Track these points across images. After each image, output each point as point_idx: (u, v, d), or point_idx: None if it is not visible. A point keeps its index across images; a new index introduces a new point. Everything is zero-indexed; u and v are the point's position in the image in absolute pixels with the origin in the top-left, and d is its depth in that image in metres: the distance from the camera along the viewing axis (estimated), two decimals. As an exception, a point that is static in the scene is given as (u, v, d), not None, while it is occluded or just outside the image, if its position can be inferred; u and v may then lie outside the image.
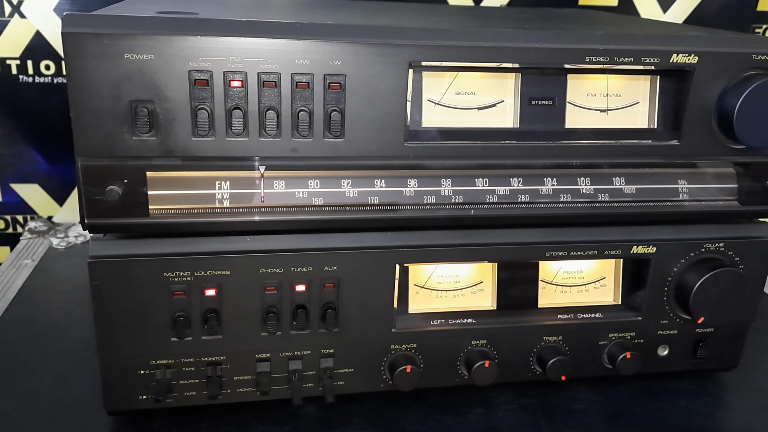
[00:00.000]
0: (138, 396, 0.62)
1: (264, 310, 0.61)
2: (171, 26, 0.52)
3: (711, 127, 0.63)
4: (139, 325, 0.59)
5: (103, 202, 0.55)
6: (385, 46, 0.55)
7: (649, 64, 0.61)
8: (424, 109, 0.61)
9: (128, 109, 0.53)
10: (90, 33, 0.51)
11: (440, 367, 0.67)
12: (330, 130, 0.57)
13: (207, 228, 0.58)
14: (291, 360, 0.64)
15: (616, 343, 0.70)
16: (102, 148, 0.54)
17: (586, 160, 0.63)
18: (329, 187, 0.59)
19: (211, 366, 0.62)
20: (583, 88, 0.64)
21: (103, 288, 0.58)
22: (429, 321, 0.67)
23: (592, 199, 0.64)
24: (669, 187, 0.65)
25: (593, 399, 0.71)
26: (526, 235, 0.65)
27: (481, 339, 0.67)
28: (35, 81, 1.06)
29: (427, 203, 0.61)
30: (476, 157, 0.61)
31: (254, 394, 0.64)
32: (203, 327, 0.61)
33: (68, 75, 0.52)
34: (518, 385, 0.71)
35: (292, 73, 0.55)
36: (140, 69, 0.52)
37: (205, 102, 0.54)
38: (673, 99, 0.64)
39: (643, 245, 0.66)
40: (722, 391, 0.73)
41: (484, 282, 0.68)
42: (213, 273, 0.59)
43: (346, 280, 0.62)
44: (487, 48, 0.57)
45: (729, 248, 0.68)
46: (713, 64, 0.61)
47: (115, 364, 0.61)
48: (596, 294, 0.71)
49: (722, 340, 0.72)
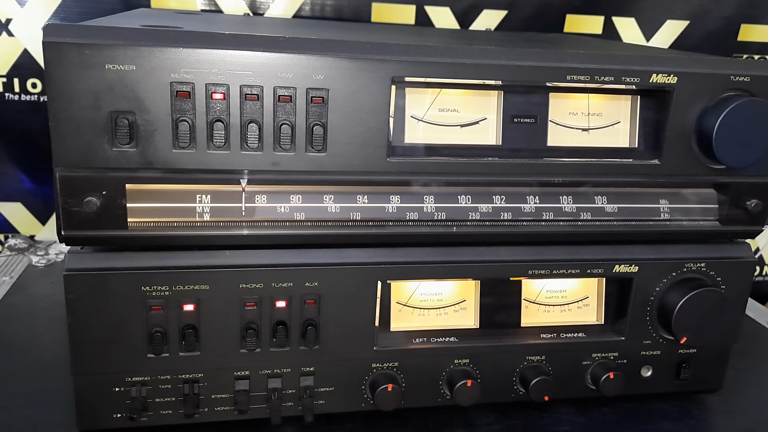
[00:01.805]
0: (112, 414, 0.61)
1: (243, 327, 0.60)
2: (153, 37, 0.52)
3: (691, 146, 0.64)
4: (115, 340, 0.58)
5: (80, 213, 0.54)
6: (368, 61, 0.56)
7: (630, 83, 0.61)
8: (407, 125, 0.61)
9: (108, 119, 0.53)
10: (71, 43, 0.50)
11: (422, 387, 0.66)
12: (312, 144, 0.57)
13: (186, 242, 0.58)
14: (270, 378, 0.63)
15: (599, 364, 0.69)
16: (81, 159, 0.53)
17: (568, 178, 0.63)
18: (311, 202, 0.59)
19: (188, 383, 0.61)
20: (564, 107, 0.64)
21: (79, 302, 0.57)
22: (411, 339, 0.66)
23: (575, 218, 0.64)
24: (650, 206, 0.66)
25: (578, 421, 0.70)
26: (508, 252, 0.65)
27: (464, 358, 0.67)
28: (21, 99, 1.05)
29: (410, 219, 0.61)
30: (459, 174, 0.61)
31: (232, 413, 0.63)
32: (181, 343, 0.60)
33: (48, 85, 0.51)
34: (501, 407, 0.70)
35: (275, 87, 0.55)
36: (121, 80, 0.52)
37: (187, 114, 0.54)
38: (654, 119, 0.64)
39: (625, 264, 0.66)
40: (706, 413, 0.73)
41: (467, 300, 0.68)
42: (192, 288, 0.58)
43: (327, 296, 0.61)
44: (470, 65, 0.58)
45: (710, 268, 0.68)
46: (692, 85, 0.62)
47: (89, 381, 0.59)
48: (579, 313, 0.70)
49: (705, 362, 0.72)
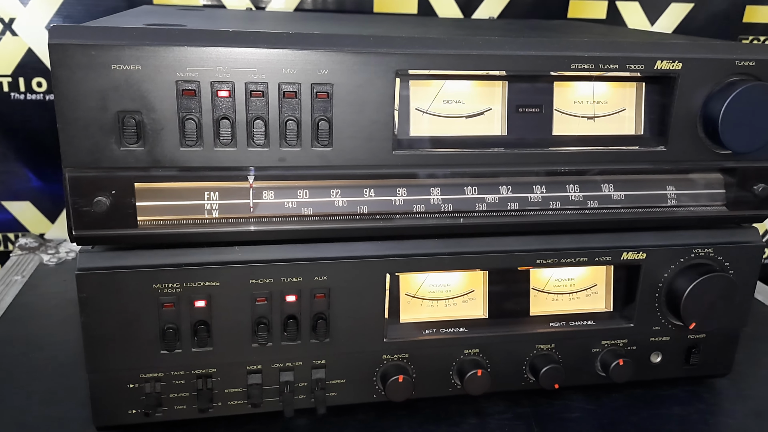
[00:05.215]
0: (127, 410, 0.61)
1: (254, 321, 0.61)
2: (158, 37, 0.52)
3: (697, 132, 0.64)
4: (128, 337, 0.59)
5: (90, 213, 0.55)
6: (371, 55, 0.56)
7: (635, 70, 0.61)
8: (412, 118, 0.61)
9: (115, 119, 0.53)
10: (77, 44, 0.51)
11: (433, 377, 0.67)
12: (318, 139, 0.57)
13: (196, 239, 0.58)
14: (282, 371, 0.63)
15: (608, 351, 0.69)
16: (89, 159, 0.54)
17: (575, 167, 0.63)
18: (318, 196, 0.59)
19: (201, 379, 0.62)
20: (569, 96, 0.64)
21: (92, 300, 0.57)
22: (420, 330, 0.66)
23: (582, 206, 0.64)
24: (657, 193, 0.66)
25: (587, 407, 0.70)
26: (516, 242, 0.65)
27: (474, 348, 0.67)
28: (27, 98, 1.06)
29: (417, 212, 0.61)
30: (465, 165, 0.61)
31: (245, 407, 0.64)
32: (193, 339, 0.60)
33: (55, 86, 0.52)
34: (511, 395, 0.71)
35: (280, 83, 0.55)
36: (127, 80, 0.52)
37: (193, 112, 0.54)
38: (659, 105, 0.64)
39: (633, 251, 0.67)
40: (716, 397, 0.73)
41: (476, 291, 0.68)
42: (202, 284, 0.59)
43: (336, 290, 0.62)
44: (474, 56, 0.58)
45: (718, 253, 0.68)
46: (697, 71, 0.62)
47: (103, 378, 0.60)
48: (588, 301, 0.70)
49: (715, 346, 0.72)
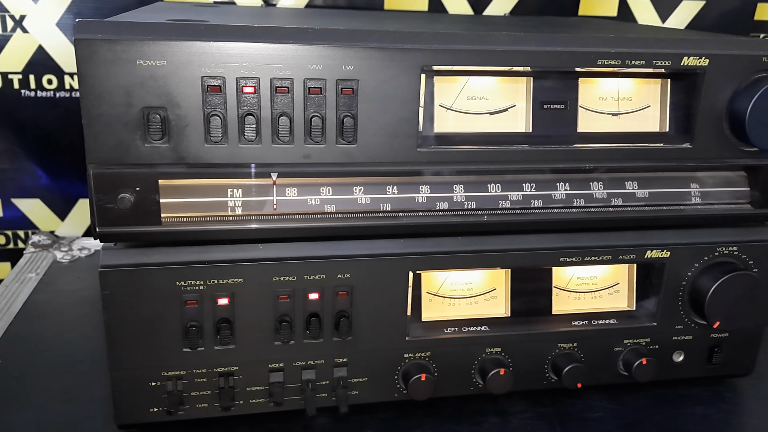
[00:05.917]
0: (149, 408, 0.61)
1: (277, 319, 0.60)
2: (184, 32, 0.52)
3: (722, 129, 0.63)
4: (151, 335, 0.58)
5: (114, 210, 0.54)
6: (397, 51, 0.55)
7: (660, 67, 0.60)
8: (436, 115, 0.61)
9: (140, 115, 0.53)
10: (103, 39, 0.50)
11: (454, 376, 0.66)
12: (343, 136, 0.56)
13: (219, 236, 0.58)
14: (304, 370, 0.63)
15: (631, 350, 0.69)
16: (114, 156, 0.53)
17: (599, 164, 0.63)
18: (342, 194, 0.59)
19: (223, 377, 0.61)
20: (594, 92, 0.64)
21: (115, 298, 0.57)
22: (442, 329, 0.66)
23: (606, 204, 0.64)
24: (682, 191, 0.65)
25: (609, 407, 0.70)
26: (539, 240, 0.65)
27: (496, 347, 0.66)
28: (37, 96, 1.05)
29: (440, 209, 0.61)
30: (489, 162, 0.61)
31: (267, 405, 0.63)
32: (216, 337, 0.60)
33: (80, 82, 0.51)
34: (533, 394, 0.70)
35: (305, 79, 0.54)
36: (152, 75, 0.52)
37: (218, 108, 0.54)
38: (685, 102, 0.64)
39: (657, 249, 0.66)
40: (738, 397, 0.72)
41: (498, 289, 0.67)
42: (226, 281, 0.58)
43: (359, 287, 0.61)
44: (500, 52, 0.57)
45: (742, 252, 0.68)
46: (724, 67, 0.61)
47: (125, 376, 0.60)
48: (610, 300, 0.70)
49: (737, 346, 0.72)
